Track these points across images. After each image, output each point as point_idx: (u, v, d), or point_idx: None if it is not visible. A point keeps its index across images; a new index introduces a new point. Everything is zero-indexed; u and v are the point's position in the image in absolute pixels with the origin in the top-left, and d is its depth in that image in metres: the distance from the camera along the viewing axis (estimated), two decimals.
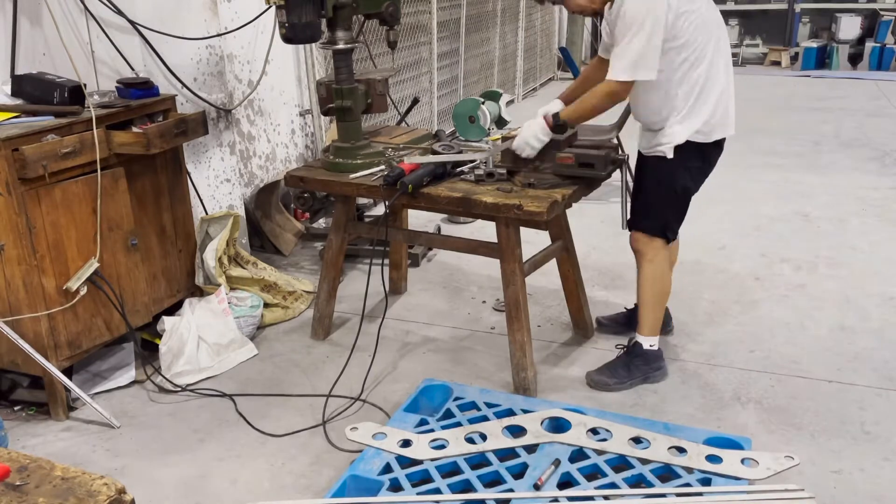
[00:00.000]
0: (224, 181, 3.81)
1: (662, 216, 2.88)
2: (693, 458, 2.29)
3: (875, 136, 6.83)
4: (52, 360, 2.74)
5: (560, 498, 2.16)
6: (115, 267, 2.95)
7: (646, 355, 2.97)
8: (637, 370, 2.96)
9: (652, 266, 2.92)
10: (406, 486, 2.23)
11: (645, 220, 2.91)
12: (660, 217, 2.88)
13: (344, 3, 2.90)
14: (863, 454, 2.54)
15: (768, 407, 2.82)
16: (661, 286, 2.94)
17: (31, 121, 2.72)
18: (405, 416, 2.55)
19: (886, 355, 3.15)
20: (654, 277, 2.93)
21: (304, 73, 4.59)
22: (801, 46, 10.98)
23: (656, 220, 2.88)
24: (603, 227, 4.61)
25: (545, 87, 10.03)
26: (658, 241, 2.89)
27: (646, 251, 2.92)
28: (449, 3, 6.59)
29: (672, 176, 2.81)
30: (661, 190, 2.84)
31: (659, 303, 2.97)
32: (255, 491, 2.44)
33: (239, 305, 3.35)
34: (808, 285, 3.82)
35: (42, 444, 2.71)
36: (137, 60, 3.29)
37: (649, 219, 2.89)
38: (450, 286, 3.94)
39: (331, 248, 3.30)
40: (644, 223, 2.91)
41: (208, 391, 3.01)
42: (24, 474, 1.40)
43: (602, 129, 3.08)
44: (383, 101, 3.16)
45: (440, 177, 2.87)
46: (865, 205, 4.97)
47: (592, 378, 2.98)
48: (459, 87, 7.03)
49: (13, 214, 2.59)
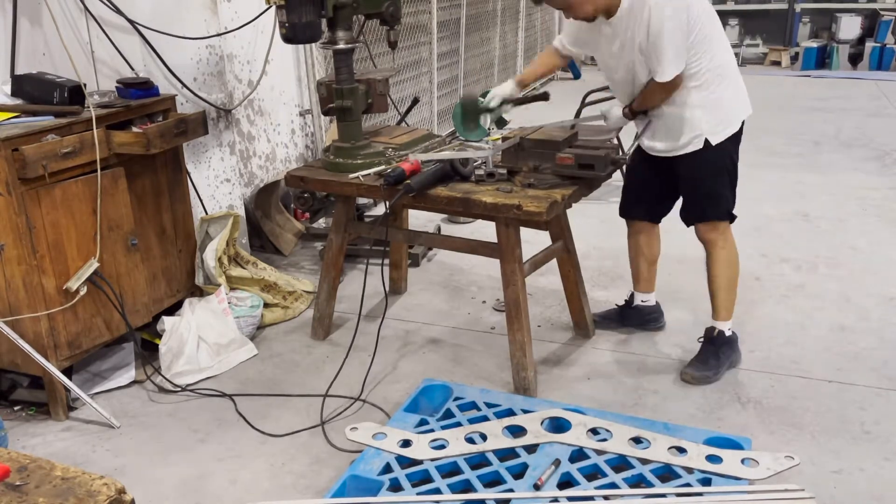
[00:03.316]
0: (224, 181, 3.81)
1: (724, 199, 2.91)
2: (693, 458, 2.29)
3: (875, 136, 6.82)
4: (52, 360, 2.74)
5: (560, 498, 2.16)
6: (115, 267, 2.95)
7: (730, 342, 3.05)
8: (725, 357, 3.02)
9: (725, 251, 2.96)
10: (406, 486, 2.23)
11: (708, 209, 2.93)
12: (721, 201, 2.91)
13: (344, 3, 2.90)
14: (863, 454, 2.54)
15: (768, 407, 2.82)
16: (735, 269, 3.00)
17: (31, 121, 2.72)
18: (405, 416, 2.55)
19: (886, 355, 3.15)
20: (729, 261, 2.98)
21: (304, 73, 4.59)
22: (801, 46, 10.97)
23: (720, 206, 2.91)
24: (603, 227, 4.60)
25: (545, 87, 10.03)
26: (724, 224, 2.94)
27: (716, 239, 2.96)
28: (449, 3, 6.59)
29: (716, 158, 2.85)
30: (714, 175, 2.88)
31: (733, 285, 3.02)
32: (255, 491, 2.44)
33: (239, 305, 3.35)
34: (808, 285, 3.82)
35: (42, 444, 2.71)
36: (137, 60, 3.29)
37: (712, 207, 2.92)
38: (450, 286, 3.94)
39: (331, 248, 3.30)
40: (708, 212, 2.93)
41: (208, 391, 3.01)
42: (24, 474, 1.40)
43: (602, 129, 3.08)
44: (383, 101, 3.16)
45: (443, 179, 2.87)
46: (865, 205, 4.97)
47: (693, 375, 2.98)
48: (459, 87, 7.02)
49: (13, 214, 2.59)
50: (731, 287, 3.02)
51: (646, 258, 3.29)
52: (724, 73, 2.81)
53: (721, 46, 2.80)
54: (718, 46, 2.78)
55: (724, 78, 2.81)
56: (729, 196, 2.93)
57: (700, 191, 2.93)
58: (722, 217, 2.93)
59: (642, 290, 3.36)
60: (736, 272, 3.01)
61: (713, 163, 2.87)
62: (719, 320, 3.04)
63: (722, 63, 2.79)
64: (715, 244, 2.97)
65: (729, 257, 2.98)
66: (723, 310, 3.03)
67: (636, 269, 3.34)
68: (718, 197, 2.91)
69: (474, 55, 7.40)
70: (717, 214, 2.93)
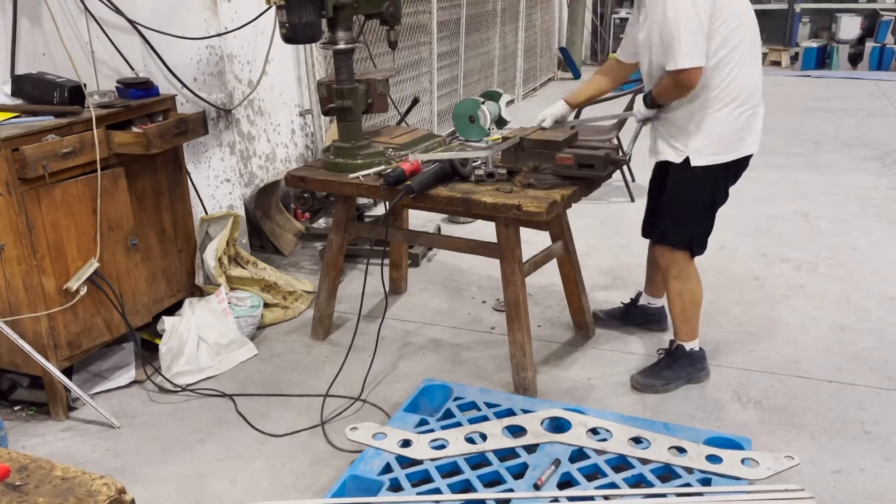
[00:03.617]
0: (224, 181, 3.81)
1: (688, 229, 2.79)
2: (693, 458, 2.29)
3: (875, 136, 6.83)
4: (52, 360, 2.74)
5: (560, 498, 2.16)
6: (115, 267, 2.95)
7: (690, 356, 2.95)
8: (682, 371, 2.94)
9: (678, 282, 2.85)
10: (406, 486, 2.23)
11: (669, 232, 2.82)
12: (684, 230, 2.79)
13: (344, 3, 2.90)
14: (863, 454, 2.54)
15: (768, 407, 2.82)
16: (690, 298, 2.88)
17: (31, 121, 2.72)
18: (405, 416, 2.55)
19: (886, 355, 3.15)
20: (682, 292, 2.87)
21: (304, 73, 4.59)
22: (801, 46, 10.97)
23: (681, 234, 2.80)
24: (603, 227, 4.61)
25: (545, 87, 10.03)
26: (682, 254, 2.82)
27: (669, 267, 2.85)
28: (449, 3, 6.59)
29: (695, 183, 2.72)
30: (686, 199, 2.76)
31: (691, 314, 2.91)
32: (255, 491, 2.44)
33: (239, 305, 3.35)
34: (808, 285, 3.82)
35: (42, 444, 2.71)
36: (137, 60, 3.29)
37: (674, 231, 2.80)
38: (450, 286, 3.94)
39: (331, 248, 3.30)
40: (669, 236, 2.82)
41: (208, 391, 3.01)
42: (24, 474, 1.40)
43: (602, 129, 3.08)
44: (384, 101, 3.16)
45: (443, 179, 2.87)
46: (865, 205, 4.97)
47: (639, 381, 2.93)
48: (459, 87, 7.02)
49: (13, 214, 2.59)
50: (687, 316, 2.90)
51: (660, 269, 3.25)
52: (741, 97, 2.63)
53: (748, 67, 2.62)
54: (743, 67, 2.60)
55: (738, 102, 2.63)
56: (695, 230, 2.79)
57: (667, 210, 2.82)
58: (677, 245, 2.80)
59: (651, 293, 3.33)
60: (693, 302, 2.88)
61: (689, 187, 2.73)
62: (679, 339, 2.96)
63: (743, 85, 2.62)
64: (668, 272, 2.86)
65: (682, 289, 2.86)
66: (681, 333, 2.94)
67: (650, 275, 3.30)
68: (682, 224, 2.78)
69: (474, 55, 7.40)
70: (674, 240, 2.80)
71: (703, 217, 2.80)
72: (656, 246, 2.91)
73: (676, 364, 2.95)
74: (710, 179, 2.73)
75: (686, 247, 2.82)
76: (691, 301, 2.89)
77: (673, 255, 2.84)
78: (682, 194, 2.78)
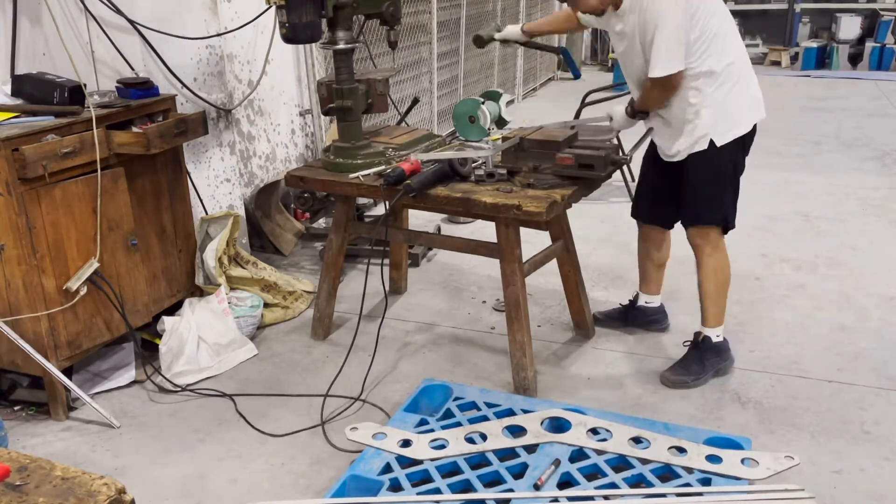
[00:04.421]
0: (224, 181, 3.81)
1: (721, 204, 2.86)
2: (693, 458, 2.29)
3: (875, 136, 6.83)
4: (52, 360, 2.74)
5: (560, 498, 2.16)
6: (115, 267, 2.95)
7: (717, 348, 2.99)
8: (710, 364, 2.97)
9: (713, 259, 2.92)
10: (406, 486, 2.23)
11: (703, 212, 2.88)
12: (718, 205, 2.86)
13: (344, 3, 2.90)
14: (863, 454, 2.54)
15: (768, 407, 2.82)
16: (723, 276, 2.95)
17: (31, 121, 2.72)
18: (405, 416, 2.55)
19: (886, 355, 3.15)
20: (717, 269, 2.93)
21: (304, 73, 4.59)
22: (801, 46, 10.97)
23: (714, 210, 2.87)
24: (603, 227, 4.61)
25: (545, 87, 10.03)
26: (715, 231, 2.89)
27: (704, 245, 2.91)
28: (449, 3, 6.59)
29: (719, 160, 2.80)
30: (714, 179, 2.83)
31: (723, 294, 2.97)
32: (255, 491, 2.44)
33: (239, 305, 3.35)
34: (808, 285, 3.82)
35: (42, 444, 2.71)
36: (137, 60, 3.29)
37: (707, 210, 2.87)
38: (450, 286, 3.94)
39: (331, 248, 3.30)
40: (703, 216, 2.88)
41: (208, 391, 3.01)
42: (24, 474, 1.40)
43: (602, 129, 3.08)
44: (384, 101, 3.16)
45: (443, 179, 2.87)
46: (865, 205, 4.97)
47: (669, 378, 2.96)
48: (459, 87, 7.02)
49: (13, 214, 2.59)
50: (718, 296, 2.96)
51: (654, 262, 3.27)
52: (734, 74, 2.74)
53: (732, 46, 2.73)
54: (729, 46, 2.72)
55: (734, 78, 2.74)
56: (728, 202, 2.87)
57: (697, 192, 2.87)
58: (715, 222, 2.87)
59: (647, 291, 3.35)
60: (725, 281, 2.95)
61: (715, 165, 2.81)
62: (707, 326, 3.00)
63: (733, 62, 2.73)
64: (703, 250, 2.92)
65: (717, 266, 2.92)
66: (710, 317, 2.99)
67: (643, 271, 3.32)
68: (714, 200, 2.85)
69: (474, 55, 7.40)
70: (711, 218, 2.87)
71: (732, 189, 2.89)
72: (690, 229, 2.94)
73: (704, 357, 2.98)
74: (730, 153, 2.82)
75: (722, 221, 2.89)
76: (724, 279, 2.95)
77: (707, 233, 2.90)
78: (709, 176, 2.84)
